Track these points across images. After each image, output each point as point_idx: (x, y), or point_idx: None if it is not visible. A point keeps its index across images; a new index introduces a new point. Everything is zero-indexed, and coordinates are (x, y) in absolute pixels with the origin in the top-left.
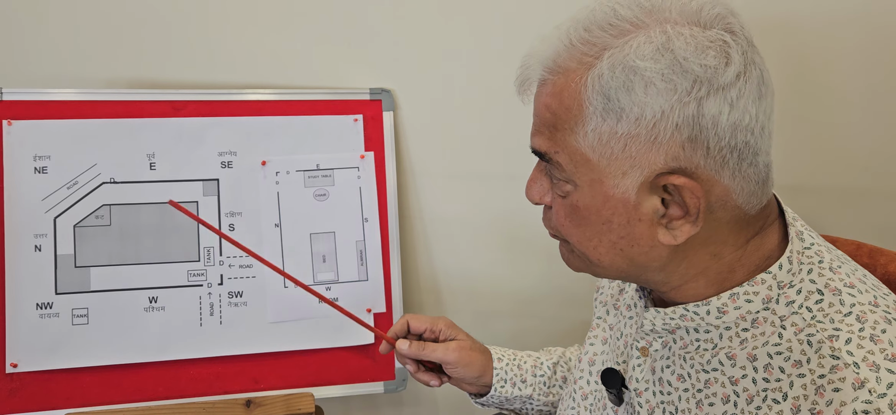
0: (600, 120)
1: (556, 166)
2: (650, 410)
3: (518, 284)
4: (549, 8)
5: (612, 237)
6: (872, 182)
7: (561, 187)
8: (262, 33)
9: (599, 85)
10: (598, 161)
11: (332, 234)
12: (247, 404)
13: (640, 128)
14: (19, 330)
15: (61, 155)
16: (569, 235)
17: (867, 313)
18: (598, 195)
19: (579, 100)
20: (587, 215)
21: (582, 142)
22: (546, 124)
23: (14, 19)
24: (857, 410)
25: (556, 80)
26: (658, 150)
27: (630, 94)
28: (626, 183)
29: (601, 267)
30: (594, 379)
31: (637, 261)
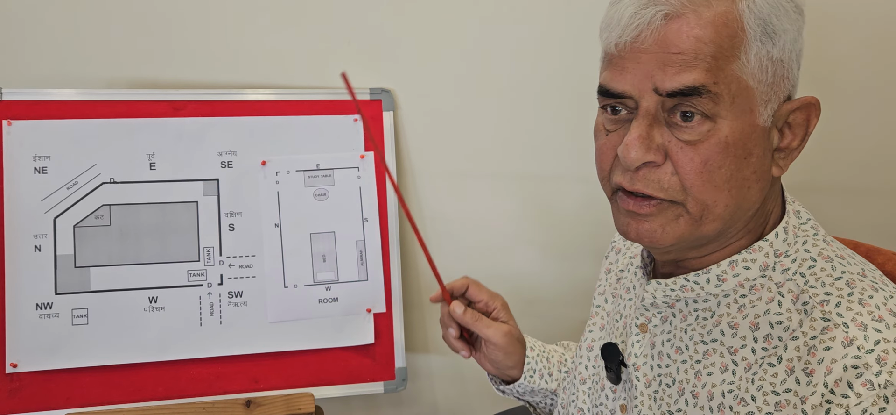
0: (760, 44)
1: (710, 99)
2: (648, 382)
3: (518, 284)
4: (549, 8)
5: (746, 172)
6: (871, 182)
7: (696, 130)
8: (263, 33)
9: (757, 10)
10: (755, 88)
11: (332, 234)
12: (247, 404)
13: (785, 53)
14: (19, 330)
15: (61, 155)
16: (701, 183)
17: (856, 280)
18: (746, 126)
19: (741, 25)
20: (733, 151)
21: (744, 68)
22: (701, 56)
23: (14, 19)
24: (846, 364)
25: (701, 12)
26: (789, 76)
27: (780, 20)
28: (766, 111)
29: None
30: (592, 363)
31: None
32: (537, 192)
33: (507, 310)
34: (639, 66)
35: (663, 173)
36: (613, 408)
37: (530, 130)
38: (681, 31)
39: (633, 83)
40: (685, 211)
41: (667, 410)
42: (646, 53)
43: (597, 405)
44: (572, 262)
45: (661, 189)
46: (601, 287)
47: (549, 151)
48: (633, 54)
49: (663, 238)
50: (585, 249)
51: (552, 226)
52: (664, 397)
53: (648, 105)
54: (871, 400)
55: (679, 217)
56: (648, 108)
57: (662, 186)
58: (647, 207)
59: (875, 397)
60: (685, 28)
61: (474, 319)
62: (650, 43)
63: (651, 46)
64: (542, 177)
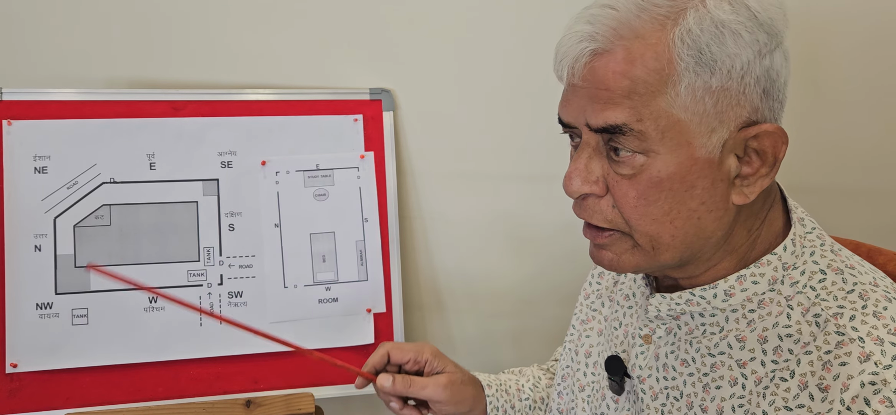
0: (694, 76)
1: (636, 137)
2: (654, 395)
3: (518, 284)
4: (549, 8)
5: (692, 205)
6: (871, 182)
7: (630, 164)
8: (262, 33)
9: (690, 40)
10: (689, 121)
11: (332, 234)
12: (247, 404)
13: (731, 80)
14: (19, 330)
15: (61, 155)
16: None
17: (869, 291)
18: (683, 160)
19: (669, 58)
20: (670, 185)
21: (673, 102)
22: (622, 93)
23: (14, 19)
24: (864, 381)
25: (630, 46)
26: (744, 103)
27: (722, 46)
28: (712, 141)
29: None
30: (591, 371)
31: (707, 231)
32: (537, 192)
33: (439, 357)
34: (576, 99)
35: (605, 205)
36: None
37: (530, 130)
38: (607, 67)
39: (573, 115)
40: (635, 243)
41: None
42: (580, 88)
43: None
44: (572, 262)
45: (606, 220)
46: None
47: (549, 151)
48: (571, 87)
49: (621, 266)
50: (585, 251)
51: (552, 226)
52: (672, 410)
53: (588, 138)
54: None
55: (633, 247)
56: (588, 140)
57: (606, 218)
58: (601, 237)
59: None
60: (611, 64)
61: (406, 385)
62: (580, 78)
63: (581, 81)
64: (543, 177)
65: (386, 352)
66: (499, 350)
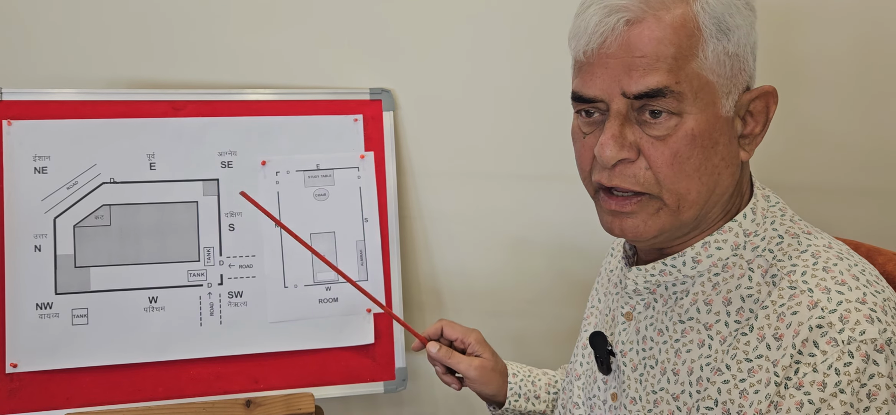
0: (716, 41)
1: (674, 98)
2: (634, 367)
3: (518, 284)
4: (549, 8)
5: (715, 160)
6: (871, 182)
7: (664, 126)
8: (263, 33)
9: (710, 9)
10: (715, 82)
11: (332, 234)
12: (247, 404)
13: (740, 47)
14: (19, 330)
15: (61, 155)
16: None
17: (821, 251)
18: (711, 118)
19: (698, 25)
20: (701, 142)
21: (703, 64)
22: (662, 58)
23: (14, 19)
24: (812, 325)
25: (660, 16)
26: (746, 68)
27: (733, 16)
28: (728, 103)
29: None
30: (586, 359)
31: (721, 186)
32: (537, 192)
33: (482, 344)
34: (606, 71)
35: (638, 168)
36: (605, 398)
37: (530, 129)
38: (642, 35)
39: (603, 88)
40: (663, 203)
41: (651, 390)
42: (612, 58)
43: (591, 397)
44: (572, 262)
45: (638, 183)
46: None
47: (549, 151)
48: (600, 60)
49: (646, 231)
50: (586, 250)
51: (552, 226)
52: (649, 378)
53: (619, 107)
54: (836, 356)
55: (659, 210)
56: (619, 109)
57: (638, 181)
58: (628, 205)
59: (840, 352)
60: (646, 32)
61: (447, 355)
62: (615, 48)
63: (616, 51)
64: (542, 177)
65: (441, 326)
66: (499, 350)
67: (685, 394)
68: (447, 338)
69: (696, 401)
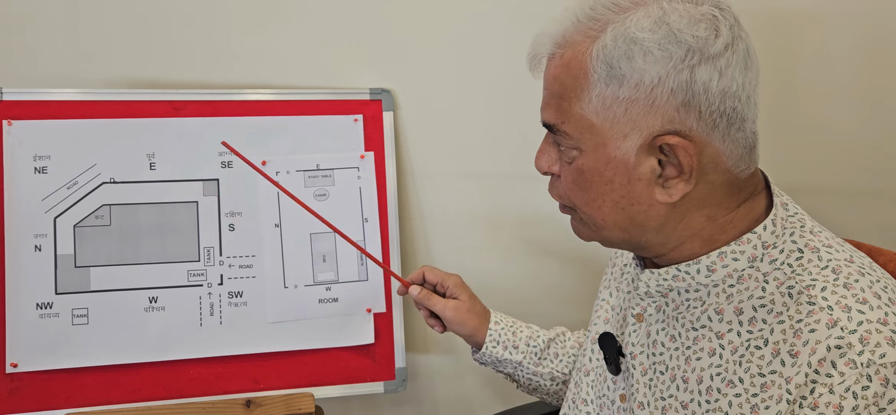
0: (604, 86)
1: (563, 135)
2: (644, 371)
3: (518, 284)
4: (549, 8)
5: (614, 196)
6: (872, 182)
7: (568, 154)
8: (263, 33)
9: (603, 55)
10: (601, 125)
11: (332, 234)
12: (247, 404)
13: (640, 92)
14: (19, 330)
15: (61, 155)
16: (575, 198)
17: (842, 266)
18: (601, 158)
19: (585, 69)
20: (591, 178)
21: (587, 108)
22: (554, 96)
23: (14, 19)
24: (830, 345)
25: (563, 54)
26: (655, 113)
27: (631, 62)
28: (626, 145)
29: (606, 228)
30: (596, 356)
31: (637, 219)
32: (537, 192)
33: (460, 287)
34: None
35: (559, 184)
36: (614, 398)
37: (530, 129)
38: (549, 70)
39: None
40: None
41: (660, 396)
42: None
43: (600, 396)
44: (572, 262)
45: (559, 196)
46: (606, 281)
47: None
48: None
49: (581, 236)
50: (586, 250)
51: (552, 226)
52: (658, 384)
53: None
54: (854, 379)
55: (582, 223)
56: None
57: (560, 195)
58: (564, 211)
59: (858, 375)
60: (551, 68)
61: (426, 297)
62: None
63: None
64: (542, 177)
65: (422, 271)
66: None
67: (694, 402)
68: (429, 282)
69: (705, 411)
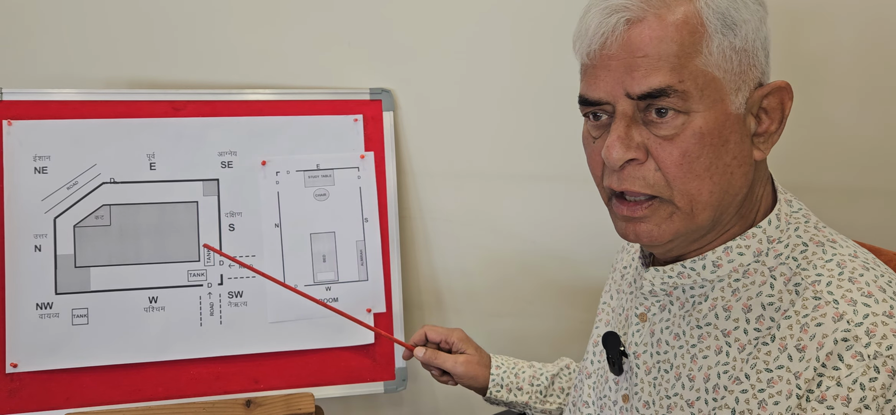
0: (722, 36)
1: (679, 97)
2: (648, 370)
3: (518, 284)
4: (548, 8)
5: (726, 159)
6: (872, 181)
7: (671, 125)
8: (263, 33)
9: (714, 4)
10: (722, 78)
11: (332, 234)
12: (247, 404)
13: (748, 42)
14: (19, 330)
15: (61, 155)
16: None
17: (847, 260)
18: (719, 115)
19: (701, 21)
20: (710, 140)
21: (708, 60)
22: (664, 57)
23: (14, 19)
24: (837, 338)
25: (661, 14)
26: (757, 64)
27: (738, 11)
28: (739, 99)
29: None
30: (597, 358)
31: (734, 187)
32: (537, 192)
33: (465, 340)
34: (609, 72)
35: (647, 170)
36: (616, 398)
37: (530, 130)
38: (643, 34)
39: (607, 90)
40: (675, 207)
41: (665, 395)
42: (614, 59)
43: (601, 397)
44: (572, 262)
45: (647, 185)
46: (608, 286)
47: (549, 151)
48: (603, 62)
49: (660, 236)
50: (585, 250)
51: (552, 226)
52: (663, 382)
53: (624, 108)
54: (862, 371)
55: (672, 214)
56: (624, 110)
57: (648, 183)
58: (640, 210)
59: (865, 367)
60: (647, 31)
61: (433, 357)
62: (616, 49)
63: (618, 52)
64: (542, 177)
65: (423, 332)
66: (499, 350)
67: (700, 401)
68: (432, 342)
69: (712, 409)
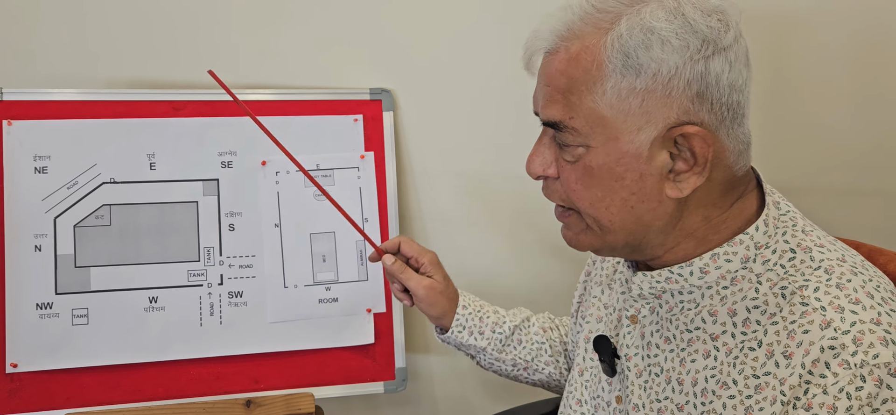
0: (620, 77)
1: (571, 132)
2: (638, 373)
3: (518, 283)
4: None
5: (623, 194)
6: (871, 182)
7: (572, 152)
8: (263, 34)
9: (619, 44)
10: (614, 118)
11: (332, 234)
12: (247, 404)
13: (657, 83)
14: (19, 330)
15: (61, 155)
16: (580, 199)
17: (835, 266)
18: (612, 153)
19: (599, 60)
20: (600, 175)
21: (600, 101)
22: (560, 91)
23: (14, 19)
24: (824, 346)
25: (570, 47)
26: (671, 105)
27: (648, 51)
28: (640, 138)
29: (611, 232)
30: (589, 356)
31: (644, 219)
32: (537, 192)
33: (435, 265)
34: (537, 90)
35: (559, 186)
36: (609, 399)
37: (530, 129)
38: (552, 65)
39: (535, 105)
40: (586, 224)
41: (656, 398)
42: (538, 80)
43: (595, 397)
44: (571, 262)
45: (560, 199)
46: (595, 276)
47: None
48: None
49: (579, 244)
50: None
51: (552, 226)
52: (653, 386)
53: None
54: (848, 379)
55: (587, 228)
56: (546, 128)
57: (560, 197)
58: (564, 216)
59: (852, 376)
60: (555, 63)
61: (400, 270)
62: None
63: (539, 74)
64: None
65: (399, 241)
66: None
67: (689, 405)
68: (404, 254)
69: (700, 413)
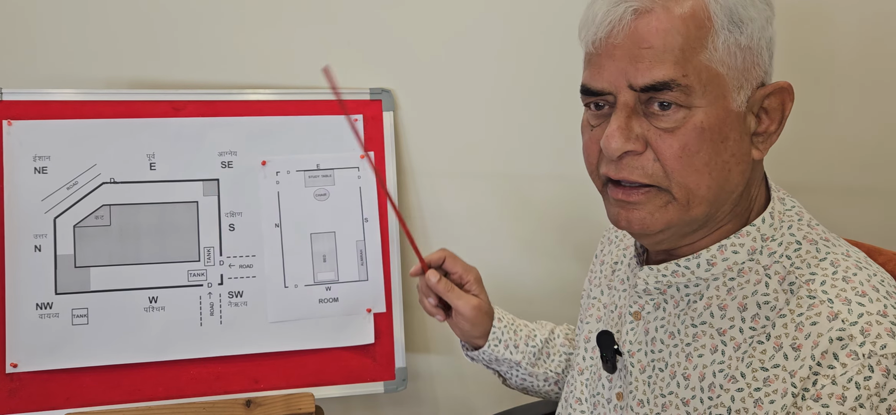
0: (728, 33)
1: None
2: (642, 368)
3: (518, 283)
4: (549, 7)
5: (725, 156)
6: (871, 181)
7: (672, 118)
8: (263, 34)
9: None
10: (726, 74)
11: (332, 234)
12: (247, 404)
13: (753, 40)
14: (19, 330)
15: (61, 155)
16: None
17: (841, 259)
18: (720, 112)
19: (708, 15)
20: (709, 136)
21: (713, 56)
22: (669, 50)
23: (14, 19)
24: (832, 337)
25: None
26: (760, 63)
27: (747, 9)
28: (740, 97)
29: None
30: (589, 355)
31: (730, 184)
32: (537, 191)
33: (479, 284)
34: (614, 62)
35: (645, 160)
36: (610, 396)
37: (530, 130)
38: (649, 25)
39: (610, 80)
40: (672, 197)
41: (660, 393)
42: (619, 49)
43: (594, 395)
44: (571, 261)
45: (646, 175)
46: (594, 278)
47: (549, 150)
48: (608, 51)
49: (653, 224)
50: (584, 249)
51: (552, 226)
52: (657, 381)
53: (626, 99)
54: (856, 369)
55: (667, 204)
56: (626, 101)
57: (646, 172)
58: (635, 195)
59: (860, 366)
60: (654, 23)
61: (447, 288)
62: (622, 39)
63: (623, 42)
64: (542, 176)
65: (444, 255)
66: None
67: (696, 399)
68: (446, 270)
69: (707, 407)
